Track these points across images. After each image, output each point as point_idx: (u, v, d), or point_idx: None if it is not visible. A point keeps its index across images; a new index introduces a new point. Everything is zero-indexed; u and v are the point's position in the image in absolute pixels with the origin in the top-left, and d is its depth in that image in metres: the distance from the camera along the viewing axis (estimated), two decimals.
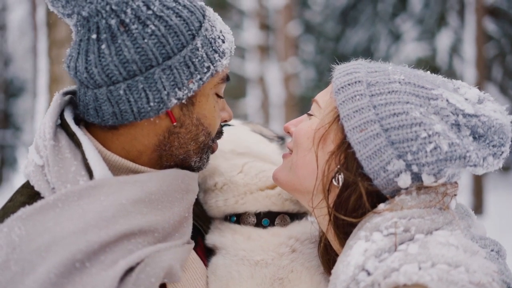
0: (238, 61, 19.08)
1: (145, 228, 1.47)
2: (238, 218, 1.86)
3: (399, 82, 1.51)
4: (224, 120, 1.78)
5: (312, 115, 1.67)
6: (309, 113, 1.70)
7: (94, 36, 1.52)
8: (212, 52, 1.58)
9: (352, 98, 1.51)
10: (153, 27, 1.50)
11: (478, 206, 13.16)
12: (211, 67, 1.58)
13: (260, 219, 1.83)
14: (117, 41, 1.50)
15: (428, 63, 15.35)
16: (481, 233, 1.52)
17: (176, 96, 1.54)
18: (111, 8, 1.50)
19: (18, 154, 24.34)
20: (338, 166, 1.50)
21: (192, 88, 1.55)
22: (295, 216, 1.87)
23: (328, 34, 21.34)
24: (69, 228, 1.39)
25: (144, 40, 1.49)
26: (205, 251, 1.84)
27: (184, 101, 1.57)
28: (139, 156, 1.62)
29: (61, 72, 5.53)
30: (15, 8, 24.82)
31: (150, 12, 1.51)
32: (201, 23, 1.58)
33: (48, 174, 1.50)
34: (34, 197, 1.51)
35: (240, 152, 1.92)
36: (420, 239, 1.34)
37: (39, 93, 5.93)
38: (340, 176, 1.50)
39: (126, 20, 1.50)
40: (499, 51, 17.95)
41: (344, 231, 1.50)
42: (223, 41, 1.63)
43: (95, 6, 1.50)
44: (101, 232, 1.39)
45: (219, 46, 1.61)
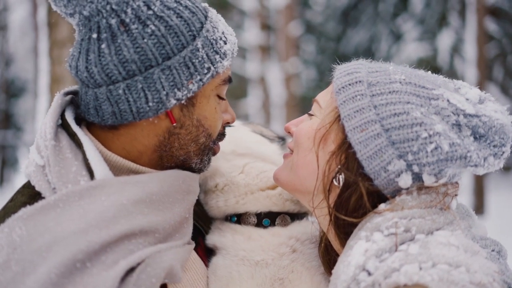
0: (239, 61, 19.09)
1: (146, 229, 1.47)
2: (239, 218, 1.86)
3: (400, 82, 1.50)
4: (227, 122, 1.77)
5: (313, 115, 1.67)
6: (310, 113, 1.70)
7: (95, 36, 1.52)
8: (213, 53, 1.57)
9: (353, 98, 1.50)
10: (153, 27, 1.50)
11: (479, 206, 13.15)
12: (212, 68, 1.57)
13: (261, 219, 1.83)
14: (117, 41, 1.50)
15: (429, 63, 15.35)
16: (482, 233, 1.51)
17: (176, 97, 1.53)
18: (112, 8, 1.50)
19: (19, 155, 24.36)
20: (339, 166, 1.50)
21: (192, 89, 1.55)
22: (296, 216, 1.87)
23: (329, 34, 21.36)
24: (70, 228, 1.39)
25: (144, 40, 1.49)
26: (206, 252, 1.84)
27: (184, 102, 1.57)
28: (140, 157, 1.62)
29: (62, 72, 5.53)
30: (16, 8, 24.83)
31: (151, 12, 1.51)
32: (203, 24, 1.57)
33: (49, 174, 1.50)
34: (35, 197, 1.51)
35: (241, 153, 1.92)
36: (421, 239, 1.33)
37: (40, 93, 5.94)
38: (341, 176, 1.50)
39: (126, 20, 1.50)
40: (500, 51, 17.96)
41: (345, 231, 1.50)
42: (225, 43, 1.62)
43: (96, 6, 1.50)
44: (102, 232, 1.39)
45: (221, 47, 1.60)
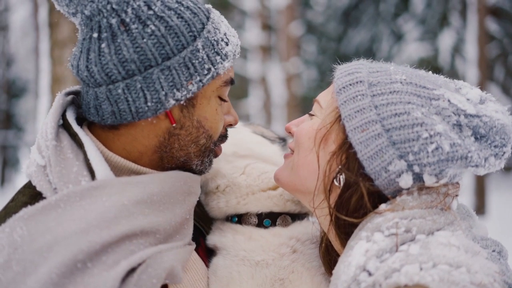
0: (240, 62, 19.07)
1: (147, 229, 1.47)
2: (240, 219, 1.86)
3: (401, 82, 1.50)
4: (229, 124, 1.76)
5: (314, 115, 1.67)
6: (311, 113, 1.69)
7: (96, 35, 1.52)
8: (214, 54, 1.57)
9: (354, 98, 1.50)
10: (153, 27, 1.50)
11: (480, 207, 13.14)
12: (212, 69, 1.57)
13: (262, 220, 1.83)
14: (117, 40, 1.50)
15: (430, 63, 15.35)
16: (483, 234, 1.51)
17: (175, 97, 1.53)
18: (112, 8, 1.50)
19: (20, 155, 24.37)
20: (340, 167, 1.50)
21: (192, 90, 1.55)
22: (297, 217, 1.87)
23: (330, 34, 21.35)
24: (71, 229, 1.39)
25: (144, 40, 1.49)
26: (207, 252, 1.84)
27: (184, 103, 1.57)
28: (140, 157, 1.62)
29: (63, 73, 5.55)
30: (17, 9, 24.84)
31: (151, 12, 1.51)
32: (204, 25, 1.57)
33: (50, 174, 1.50)
34: (36, 197, 1.51)
35: (242, 155, 1.91)
36: (422, 240, 1.33)
37: (41, 94, 5.95)
38: (342, 177, 1.50)
39: (127, 20, 1.50)
40: (501, 51, 17.95)
41: (345, 232, 1.50)
42: (227, 44, 1.61)
43: (97, 5, 1.50)
44: (103, 233, 1.39)
45: (222, 49, 1.59)
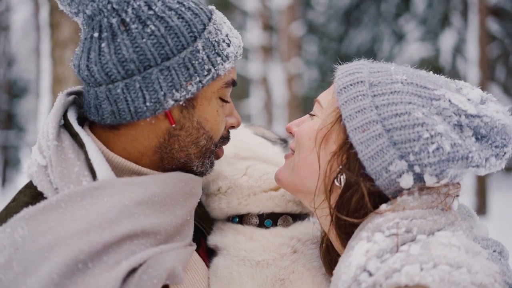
0: (241, 62, 19.06)
1: (148, 230, 1.47)
2: (241, 219, 1.85)
3: (402, 83, 1.50)
4: (232, 126, 1.75)
5: (314, 116, 1.67)
6: (311, 114, 1.69)
7: (96, 35, 1.52)
8: (215, 55, 1.57)
9: (355, 98, 1.50)
10: (153, 27, 1.50)
11: (482, 207, 13.14)
12: (212, 70, 1.56)
13: (263, 220, 1.83)
14: (117, 40, 1.50)
15: (431, 63, 15.35)
16: (483, 234, 1.51)
17: (174, 97, 1.53)
18: (113, 7, 1.51)
19: (22, 155, 24.38)
20: (340, 167, 1.50)
21: (191, 90, 1.55)
22: (298, 217, 1.87)
23: (331, 35, 21.36)
24: (72, 229, 1.39)
25: (143, 40, 1.49)
26: (208, 252, 1.84)
27: (183, 103, 1.56)
28: (141, 157, 1.62)
29: (64, 73, 5.55)
30: (19, 9, 24.87)
31: (151, 12, 1.52)
32: (205, 26, 1.57)
33: (51, 175, 1.50)
34: (37, 198, 1.51)
35: (244, 157, 1.91)
36: (422, 240, 1.33)
37: (42, 94, 5.96)
38: (342, 177, 1.50)
39: (127, 19, 1.51)
40: (503, 51, 17.95)
41: (346, 232, 1.50)
42: (228, 45, 1.61)
43: (98, 5, 1.51)
44: (104, 233, 1.39)
45: (223, 50, 1.59)
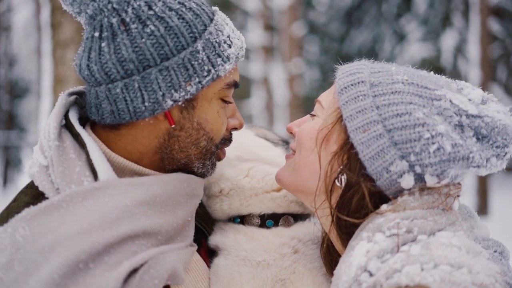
0: (243, 62, 19.03)
1: (149, 230, 1.47)
2: (242, 220, 1.85)
3: (402, 83, 1.50)
4: (234, 128, 1.74)
5: (315, 116, 1.67)
6: (312, 114, 1.69)
7: (97, 34, 1.53)
8: (215, 56, 1.56)
9: (355, 99, 1.50)
10: (153, 27, 1.50)
11: (483, 207, 13.13)
12: (212, 71, 1.56)
13: (264, 221, 1.83)
14: (117, 40, 1.51)
15: (433, 64, 15.34)
16: (484, 234, 1.51)
17: (172, 98, 1.53)
18: (113, 7, 1.51)
19: (23, 155, 24.38)
20: (341, 167, 1.50)
21: (190, 91, 1.54)
22: (299, 217, 1.87)
23: (333, 35, 21.35)
24: (73, 229, 1.39)
25: (143, 40, 1.49)
26: (209, 253, 1.84)
27: (183, 104, 1.56)
28: (141, 158, 1.62)
29: (65, 73, 5.56)
30: (20, 9, 24.88)
31: (152, 13, 1.52)
32: (206, 27, 1.56)
33: (53, 175, 1.51)
34: (39, 198, 1.51)
35: (247, 159, 1.90)
36: (423, 240, 1.33)
37: (44, 94, 5.97)
38: (343, 177, 1.50)
39: (127, 19, 1.51)
40: (504, 52, 17.93)
41: (347, 232, 1.50)
42: (230, 46, 1.60)
43: (98, 5, 1.51)
44: (105, 233, 1.40)
45: (224, 51, 1.58)
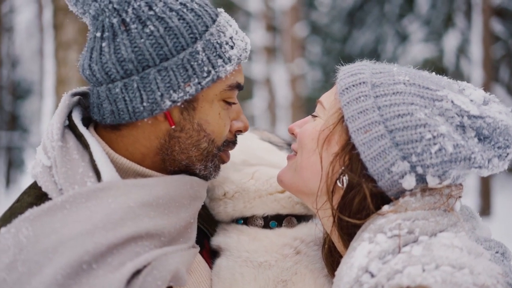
0: (245, 63, 19.01)
1: (152, 232, 1.48)
2: (246, 221, 1.85)
3: (404, 83, 1.50)
4: (239, 130, 1.73)
5: (317, 116, 1.66)
6: (314, 115, 1.69)
7: (99, 34, 1.54)
8: (216, 57, 1.55)
9: (357, 99, 1.50)
10: (152, 28, 1.51)
11: (486, 208, 13.11)
12: (212, 72, 1.55)
13: (268, 222, 1.83)
14: (117, 40, 1.51)
15: (435, 64, 15.32)
16: (486, 235, 1.51)
17: (171, 98, 1.53)
18: (113, 7, 1.52)
19: (25, 156, 24.40)
20: (343, 168, 1.50)
21: (189, 92, 1.54)
22: (303, 218, 1.87)
23: (335, 35, 21.33)
24: (77, 230, 1.39)
25: (142, 40, 1.50)
26: (211, 254, 1.83)
27: (182, 105, 1.56)
28: (143, 159, 1.62)
29: (68, 74, 5.57)
30: (22, 10, 24.92)
31: (152, 13, 1.52)
32: (208, 28, 1.56)
33: (56, 175, 1.51)
34: (42, 198, 1.51)
35: (253, 164, 1.90)
36: (424, 241, 1.33)
37: (46, 95, 5.98)
38: (345, 178, 1.50)
39: (127, 19, 1.51)
40: (506, 52, 17.89)
41: (348, 233, 1.50)
42: (232, 47, 1.59)
43: (99, 5, 1.52)
44: (109, 234, 1.40)
45: (225, 52, 1.58)
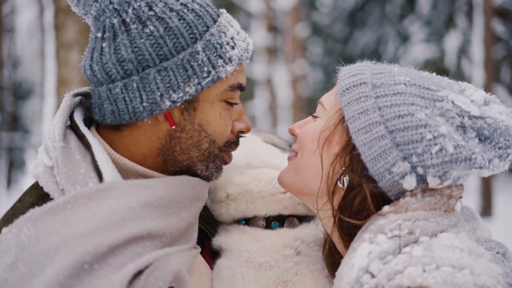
0: (246, 63, 19.02)
1: (154, 232, 1.48)
2: (247, 222, 1.85)
3: (405, 84, 1.50)
4: (241, 131, 1.72)
5: (317, 117, 1.66)
6: (314, 115, 1.69)
7: (100, 35, 1.54)
8: (216, 58, 1.55)
9: (357, 100, 1.50)
10: (152, 28, 1.51)
11: (487, 208, 13.09)
12: (213, 72, 1.55)
13: (270, 222, 1.83)
14: (117, 40, 1.52)
15: (436, 65, 15.28)
16: (487, 236, 1.51)
17: (170, 99, 1.53)
18: (114, 8, 1.52)
19: (27, 157, 24.37)
20: (343, 168, 1.50)
21: (189, 92, 1.54)
22: (304, 219, 1.86)
23: (336, 36, 21.32)
24: (78, 230, 1.39)
25: (142, 40, 1.50)
26: (212, 255, 1.83)
27: (182, 105, 1.56)
28: (144, 159, 1.62)
29: (69, 75, 5.57)
30: (24, 11, 24.92)
31: (152, 13, 1.52)
32: (208, 28, 1.56)
33: (58, 175, 1.51)
34: (43, 198, 1.52)
35: (256, 167, 1.90)
36: (425, 242, 1.33)
37: (47, 96, 5.98)
38: (345, 178, 1.50)
39: (127, 20, 1.52)
40: (508, 53, 17.87)
41: (349, 233, 1.50)
42: (233, 48, 1.59)
43: (100, 5, 1.53)
44: (111, 235, 1.40)
45: (226, 52, 1.57)
